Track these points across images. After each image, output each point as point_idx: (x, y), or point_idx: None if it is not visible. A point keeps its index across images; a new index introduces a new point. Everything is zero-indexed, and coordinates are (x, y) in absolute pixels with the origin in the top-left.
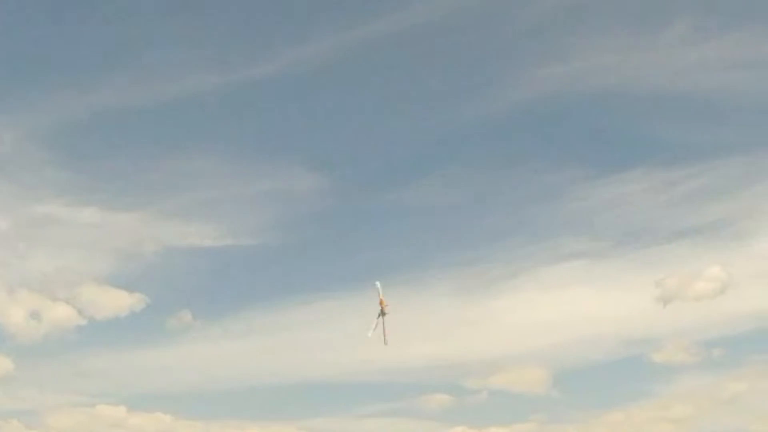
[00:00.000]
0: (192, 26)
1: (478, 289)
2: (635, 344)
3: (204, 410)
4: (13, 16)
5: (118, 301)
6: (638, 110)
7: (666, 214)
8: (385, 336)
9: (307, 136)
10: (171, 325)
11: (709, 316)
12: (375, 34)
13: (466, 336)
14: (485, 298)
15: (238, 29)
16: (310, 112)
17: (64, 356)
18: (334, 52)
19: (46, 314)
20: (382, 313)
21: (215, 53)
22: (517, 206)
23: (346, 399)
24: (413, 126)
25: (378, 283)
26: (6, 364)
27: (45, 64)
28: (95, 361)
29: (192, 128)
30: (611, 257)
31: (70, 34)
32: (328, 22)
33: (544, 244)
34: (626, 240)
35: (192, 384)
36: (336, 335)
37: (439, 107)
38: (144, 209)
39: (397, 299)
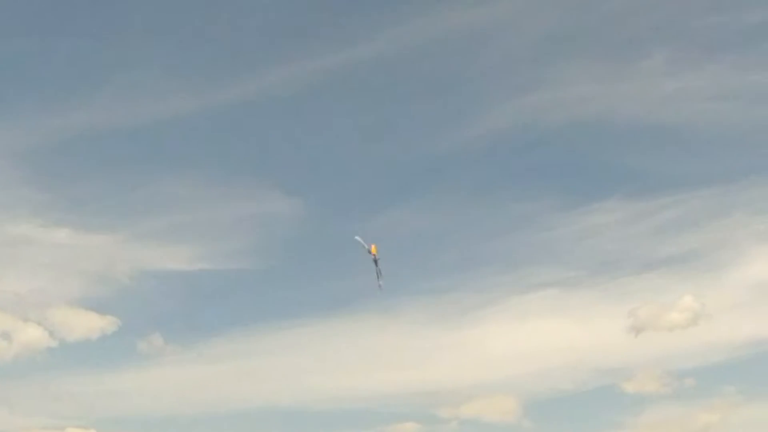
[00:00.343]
0: (169, 49)
1: (451, 318)
2: (607, 374)
3: None
4: None
5: (90, 324)
6: (614, 140)
7: (639, 245)
8: (380, 281)
9: (284, 161)
10: (142, 348)
11: (681, 346)
12: (354, 61)
13: (438, 364)
14: (458, 326)
15: (215, 52)
16: (288, 137)
17: (35, 378)
18: (313, 77)
19: (18, 335)
20: (375, 260)
21: (193, 76)
22: (491, 234)
23: (317, 426)
24: (391, 153)
25: (358, 237)
26: None
27: (21, 83)
28: (66, 384)
29: (168, 151)
30: (584, 287)
31: (48, 54)
32: (308, 48)
33: (518, 273)
34: (599, 270)
35: (163, 408)
36: (308, 362)
37: (416, 134)
38: (118, 232)
39: (371, 326)
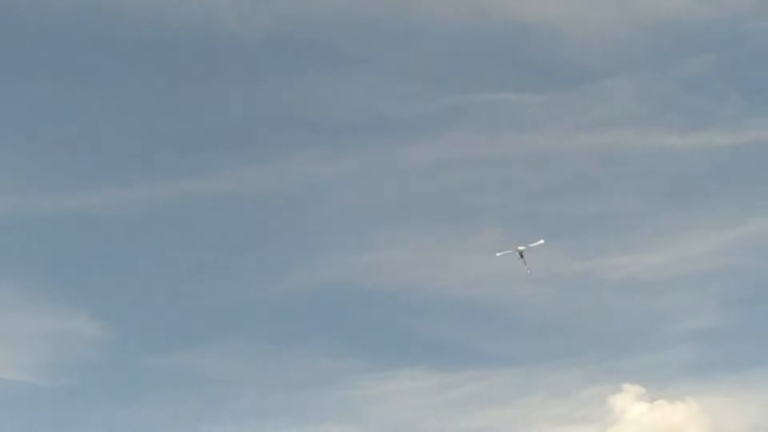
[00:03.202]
0: None
1: None
2: None
3: None
4: None
5: None
6: (430, 310)
7: (437, 415)
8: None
9: (95, 283)
10: None
11: None
12: (188, 195)
13: None
14: None
15: (31, 162)
16: (104, 259)
17: None
18: (145, 205)
19: None
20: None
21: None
22: (288, 387)
23: None
24: (207, 294)
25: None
26: None
27: None
28: None
29: None
30: None
31: None
32: (144, 174)
33: (309, 430)
34: None
35: None
36: None
37: (236, 280)
38: None
39: None
